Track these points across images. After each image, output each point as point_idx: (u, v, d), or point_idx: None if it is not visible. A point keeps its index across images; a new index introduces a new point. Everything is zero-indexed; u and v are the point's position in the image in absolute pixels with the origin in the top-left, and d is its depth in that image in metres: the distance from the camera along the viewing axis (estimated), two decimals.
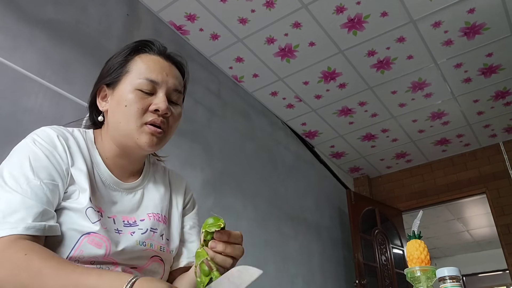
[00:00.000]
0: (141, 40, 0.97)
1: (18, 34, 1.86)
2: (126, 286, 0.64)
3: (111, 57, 0.96)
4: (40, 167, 0.79)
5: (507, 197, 4.05)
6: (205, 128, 2.89)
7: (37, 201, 0.74)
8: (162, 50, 0.95)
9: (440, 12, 2.78)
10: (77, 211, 0.80)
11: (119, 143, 0.91)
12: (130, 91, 0.88)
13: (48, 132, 0.85)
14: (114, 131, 0.90)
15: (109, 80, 0.92)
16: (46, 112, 1.86)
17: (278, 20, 2.83)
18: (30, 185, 0.75)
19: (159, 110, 0.87)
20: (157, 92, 0.89)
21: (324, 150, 4.42)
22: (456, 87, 3.52)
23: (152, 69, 0.90)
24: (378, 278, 3.94)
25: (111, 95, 0.91)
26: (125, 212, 0.90)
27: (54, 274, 0.67)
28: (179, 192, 1.04)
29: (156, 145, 0.89)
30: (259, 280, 0.70)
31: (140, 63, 0.91)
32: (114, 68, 0.92)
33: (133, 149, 0.91)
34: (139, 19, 2.64)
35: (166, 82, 0.90)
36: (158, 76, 0.90)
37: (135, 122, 0.87)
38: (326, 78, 3.39)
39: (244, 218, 2.94)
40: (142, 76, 0.88)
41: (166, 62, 0.93)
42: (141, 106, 0.87)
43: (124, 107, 0.87)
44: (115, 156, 0.92)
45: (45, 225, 0.73)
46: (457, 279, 0.83)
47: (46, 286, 0.66)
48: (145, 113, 0.87)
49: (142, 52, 0.93)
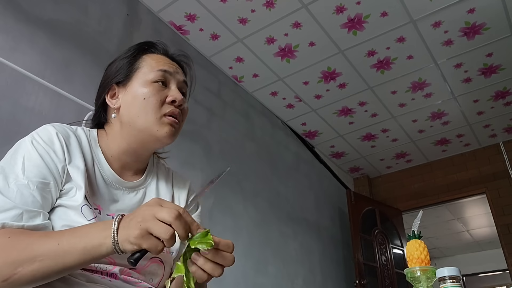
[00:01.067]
0: (145, 41, 1.00)
1: (18, 34, 1.86)
2: (114, 222, 0.68)
3: (116, 59, 0.98)
4: (31, 166, 0.79)
5: (507, 197, 4.05)
6: (205, 128, 2.89)
7: (20, 202, 0.74)
8: (166, 50, 1.00)
9: (440, 12, 2.78)
10: (73, 208, 0.81)
11: (133, 139, 0.92)
12: (147, 84, 0.91)
13: (48, 129, 0.86)
14: (129, 126, 0.91)
15: (120, 78, 0.94)
16: (46, 112, 1.86)
17: (278, 20, 2.83)
18: (18, 184, 0.76)
19: (176, 101, 0.91)
20: (170, 84, 0.93)
21: (324, 150, 4.43)
22: (456, 87, 3.52)
23: (162, 63, 0.94)
24: (378, 278, 3.94)
25: (123, 93, 0.93)
26: (125, 211, 0.90)
27: (44, 240, 0.70)
28: (182, 193, 1.04)
29: (174, 136, 0.92)
30: (259, 280, 0.70)
31: (149, 60, 0.95)
32: (124, 66, 0.94)
33: (147, 144, 0.92)
34: (139, 19, 2.64)
35: (176, 73, 0.95)
36: (170, 68, 0.94)
37: (155, 114, 0.89)
38: (326, 78, 3.39)
39: (244, 218, 2.94)
40: (154, 69, 0.92)
41: (170, 60, 0.98)
42: (159, 98, 0.90)
43: (142, 100, 0.89)
44: (122, 153, 0.93)
45: (23, 225, 0.73)
46: (457, 279, 0.83)
47: (38, 253, 0.68)
48: (163, 105, 0.90)
49: (148, 52, 0.97)
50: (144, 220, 0.65)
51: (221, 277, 0.71)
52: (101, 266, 0.80)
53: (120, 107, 0.92)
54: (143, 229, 0.64)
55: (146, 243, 0.64)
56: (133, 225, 0.66)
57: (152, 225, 0.64)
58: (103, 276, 0.80)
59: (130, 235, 0.65)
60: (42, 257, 0.68)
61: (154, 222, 0.65)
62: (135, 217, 0.67)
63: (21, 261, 0.67)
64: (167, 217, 0.64)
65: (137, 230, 0.64)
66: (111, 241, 0.67)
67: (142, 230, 0.64)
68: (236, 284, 2.63)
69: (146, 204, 0.69)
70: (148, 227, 0.64)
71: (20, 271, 0.67)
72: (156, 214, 0.65)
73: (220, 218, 2.68)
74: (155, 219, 0.65)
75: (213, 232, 0.70)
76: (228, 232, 2.71)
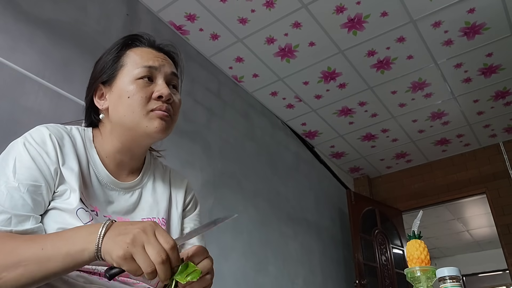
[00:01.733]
0: (129, 34, 0.96)
1: (17, 34, 1.86)
2: (102, 228, 0.66)
3: (101, 57, 0.95)
4: (22, 168, 0.78)
5: (507, 197, 4.05)
6: (205, 128, 2.89)
7: (9, 206, 0.73)
8: (152, 41, 0.96)
9: (440, 12, 2.78)
10: (68, 212, 0.80)
11: (124, 138, 0.90)
12: (131, 82, 0.87)
13: (41, 131, 0.84)
14: (119, 126, 0.89)
15: (105, 78, 0.91)
16: (46, 111, 1.86)
17: (278, 20, 2.83)
18: (8, 186, 0.75)
19: (163, 96, 0.87)
20: (157, 79, 0.89)
21: (324, 150, 4.42)
22: (456, 87, 3.52)
23: (146, 58, 0.90)
24: (378, 278, 3.94)
25: (109, 92, 0.90)
26: (120, 212, 0.89)
27: (28, 245, 0.68)
28: (179, 192, 1.02)
29: (166, 130, 0.88)
30: (260, 280, 0.71)
31: (133, 56, 0.91)
32: (108, 65, 0.91)
33: (139, 141, 0.90)
34: (139, 19, 2.64)
35: (162, 67, 0.91)
36: (155, 62, 0.90)
37: (141, 111, 0.86)
38: (326, 78, 3.39)
39: (244, 218, 2.94)
40: (139, 66, 0.89)
41: (157, 52, 0.94)
42: (144, 94, 0.87)
43: (127, 99, 0.86)
44: (116, 152, 0.91)
45: (11, 230, 0.72)
46: (457, 279, 0.83)
47: (23, 257, 0.67)
48: (149, 101, 0.87)
49: (133, 46, 0.93)
50: (133, 244, 0.63)
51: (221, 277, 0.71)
52: (99, 268, 0.79)
53: (108, 107, 0.90)
54: (127, 252, 0.62)
55: (127, 265, 0.63)
56: (120, 242, 0.63)
57: (138, 254, 0.63)
58: (101, 278, 0.79)
59: (114, 252, 0.63)
60: (27, 262, 0.66)
61: (141, 252, 0.63)
62: (125, 234, 0.64)
63: (5, 266, 0.66)
64: (153, 257, 0.62)
65: (122, 250, 0.62)
66: (94, 247, 0.65)
67: (127, 253, 0.62)
68: (236, 284, 2.62)
69: (142, 225, 0.66)
70: (134, 253, 0.63)
71: (5, 276, 0.66)
72: (146, 244, 0.63)
73: None
74: (143, 249, 0.63)
75: (214, 232, 0.69)
76: (228, 232, 2.71)
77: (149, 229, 0.65)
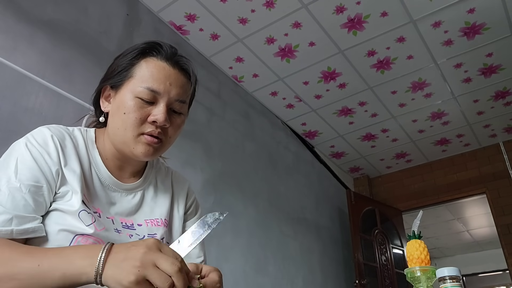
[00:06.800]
0: (151, 41, 0.92)
1: (18, 34, 1.86)
2: (102, 252, 0.65)
3: (119, 55, 0.93)
4: (24, 169, 0.78)
5: (507, 197, 4.05)
6: (205, 128, 2.89)
7: (10, 206, 0.73)
8: (170, 55, 0.90)
9: (440, 12, 2.78)
10: (70, 213, 0.79)
11: (117, 148, 0.90)
12: (131, 98, 0.85)
13: (43, 131, 0.84)
14: (112, 135, 0.89)
15: (113, 83, 0.90)
16: (46, 112, 1.86)
17: (278, 20, 2.83)
18: (9, 187, 0.75)
19: (157, 122, 0.85)
20: (158, 102, 0.86)
21: (324, 150, 4.43)
22: (456, 87, 3.52)
23: (155, 77, 0.86)
24: (378, 278, 3.94)
25: (113, 97, 0.90)
26: (123, 214, 0.89)
27: (26, 258, 0.67)
28: (181, 195, 1.02)
29: (152, 155, 0.87)
30: (260, 280, 0.71)
31: (144, 69, 0.87)
32: (118, 70, 0.89)
33: (129, 156, 0.89)
34: (139, 19, 2.64)
35: (168, 92, 0.86)
36: (161, 86, 0.86)
37: (131, 132, 0.85)
38: (326, 78, 3.39)
39: (244, 218, 2.94)
40: (144, 85, 0.85)
41: (172, 70, 0.89)
42: (139, 115, 0.85)
43: (123, 114, 0.85)
44: (115, 157, 0.91)
45: (12, 230, 0.72)
46: (457, 279, 0.83)
47: (19, 270, 0.66)
48: (143, 123, 0.85)
49: (149, 55, 0.89)
50: (143, 266, 0.61)
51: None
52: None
53: (109, 112, 0.90)
54: (140, 276, 0.61)
55: None
56: (128, 268, 0.62)
57: (151, 274, 0.61)
58: None
59: (124, 279, 0.61)
60: (22, 276, 0.65)
61: (154, 270, 0.62)
62: (131, 259, 0.63)
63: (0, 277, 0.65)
64: (169, 269, 0.62)
65: (133, 276, 0.61)
66: (94, 272, 0.63)
67: (139, 277, 0.61)
68: (236, 284, 2.63)
69: (145, 244, 0.65)
70: (147, 275, 0.61)
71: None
72: (156, 261, 0.62)
73: None
74: (155, 267, 0.62)
75: (214, 232, 0.69)
76: (228, 232, 2.71)
77: (154, 247, 0.64)
